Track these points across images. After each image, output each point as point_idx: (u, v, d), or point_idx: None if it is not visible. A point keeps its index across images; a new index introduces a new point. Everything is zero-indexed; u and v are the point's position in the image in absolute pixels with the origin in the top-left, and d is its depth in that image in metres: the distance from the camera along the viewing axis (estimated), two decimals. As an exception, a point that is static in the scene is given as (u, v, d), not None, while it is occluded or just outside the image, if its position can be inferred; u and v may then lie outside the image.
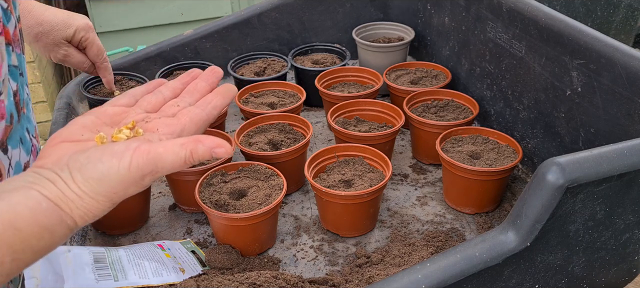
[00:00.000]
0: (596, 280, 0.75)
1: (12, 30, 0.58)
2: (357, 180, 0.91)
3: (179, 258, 0.84)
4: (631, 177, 0.65)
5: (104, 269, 0.76)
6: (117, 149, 0.47)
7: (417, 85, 1.20)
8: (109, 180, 0.46)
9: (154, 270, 0.79)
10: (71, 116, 1.14)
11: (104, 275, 0.75)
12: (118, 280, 0.75)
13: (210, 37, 1.35)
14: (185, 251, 0.87)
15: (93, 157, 0.47)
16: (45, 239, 0.44)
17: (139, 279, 0.76)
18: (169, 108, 0.57)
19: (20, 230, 0.42)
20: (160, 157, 0.47)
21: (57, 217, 0.45)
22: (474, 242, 0.64)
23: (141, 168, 0.47)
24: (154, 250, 0.83)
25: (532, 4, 0.99)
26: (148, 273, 0.78)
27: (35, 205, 0.44)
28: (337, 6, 1.42)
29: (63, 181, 0.46)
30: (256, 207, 0.85)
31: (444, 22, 1.28)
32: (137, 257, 0.80)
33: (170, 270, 0.80)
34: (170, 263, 0.82)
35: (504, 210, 0.97)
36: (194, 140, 0.48)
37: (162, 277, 0.78)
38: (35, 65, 2.49)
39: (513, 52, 1.04)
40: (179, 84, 0.60)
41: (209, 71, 0.61)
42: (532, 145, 1.03)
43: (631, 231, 0.72)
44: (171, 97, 0.59)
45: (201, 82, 0.60)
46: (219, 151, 0.48)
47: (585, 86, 0.88)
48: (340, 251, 0.89)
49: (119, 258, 0.79)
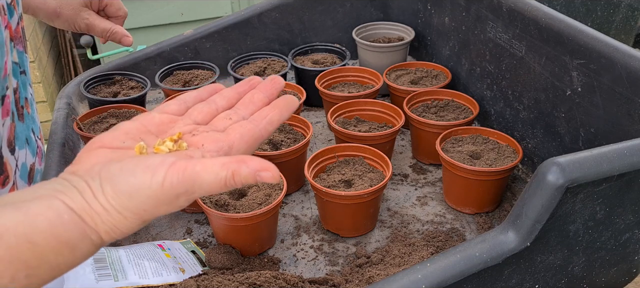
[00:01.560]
0: (596, 280, 0.75)
1: (14, 26, 0.58)
2: (357, 180, 0.91)
3: (179, 258, 0.84)
4: (631, 177, 0.65)
5: (104, 269, 0.76)
6: (152, 163, 0.43)
7: (417, 85, 1.20)
8: (139, 196, 0.42)
9: (154, 270, 0.79)
10: (71, 116, 1.14)
11: (104, 275, 0.75)
12: (118, 280, 0.75)
13: (210, 37, 1.35)
14: (185, 251, 0.87)
15: (126, 168, 0.43)
16: (64, 255, 0.40)
17: (139, 279, 0.76)
18: (220, 121, 0.52)
19: (36, 244, 0.39)
20: (197, 176, 0.42)
21: (79, 231, 0.41)
22: (474, 242, 0.64)
23: (175, 186, 0.42)
24: (154, 250, 0.84)
25: (532, 4, 0.99)
26: (148, 273, 0.78)
27: (55, 217, 0.40)
28: (337, 6, 1.42)
29: (91, 192, 0.42)
30: (256, 207, 0.85)
31: (444, 22, 1.28)
32: (137, 257, 0.80)
33: (170, 270, 0.80)
34: (170, 263, 0.82)
35: (504, 210, 0.97)
36: (238, 160, 0.43)
37: (162, 277, 0.78)
38: (35, 65, 2.49)
39: (513, 52, 1.04)
40: (234, 93, 0.55)
41: (269, 81, 0.55)
42: (532, 145, 1.03)
43: (631, 231, 0.72)
44: (225, 108, 0.54)
45: (258, 93, 0.54)
46: (264, 175, 0.43)
47: (585, 86, 0.88)
48: (341, 251, 0.89)
49: (119, 258, 0.79)
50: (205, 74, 1.27)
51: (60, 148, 1.02)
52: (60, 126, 1.08)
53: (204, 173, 0.42)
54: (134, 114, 1.11)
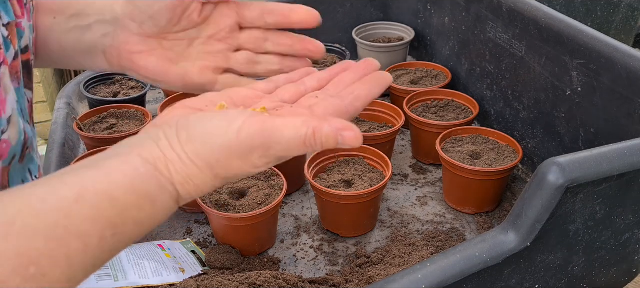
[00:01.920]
0: (596, 280, 0.75)
1: (10, 61, 0.54)
2: (357, 180, 0.91)
3: (179, 258, 0.84)
4: (631, 177, 0.65)
5: (104, 269, 0.76)
6: (231, 113, 0.42)
7: (417, 85, 1.20)
8: (213, 142, 0.41)
9: (154, 269, 0.79)
10: (71, 116, 1.14)
11: (103, 275, 0.75)
12: (118, 280, 0.75)
13: (210, 37, 1.35)
14: (185, 251, 0.87)
15: (204, 116, 0.42)
16: (145, 209, 0.40)
17: (139, 279, 0.76)
18: (305, 100, 0.50)
19: (117, 199, 0.38)
20: (276, 130, 0.41)
21: (155, 182, 0.40)
22: (474, 242, 0.64)
23: (252, 136, 0.41)
24: (154, 250, 0.84)
25: (532, 4, 0.99)
26: (148, 273, 0.78)
27: (131, 170, 0.40)
28: (337, 6, 1.42)
29: (167, 140, 0.42)
30: (256, 207, 0.85)
31: (444, 22, 1.28)
32: (137, 256, 0.80)
33: (170, 270, 0.80)
34: (170, 263, 0.82)
35: (504, 210, 0.97)
36: (320, 118, 0.41)
37: (162, 277, 0.78)
38: (35, 65, 2.48)
39: (513, 52, 1.04)
40: (326, 75, 0.53)
41: (363, 63, 0.51)
42: (532, 145, 1.03)
43: (631, 231, 0.72)
44: (315, 89, 0.52)
45: (350, 74, 0.52)
46: (347, 135, 0.40)
47: (585, 86, 0.88)
48: (341, 251, 0.89)
49: (119, 258, 0.79)
50: (205, 74, 1.27)
51: (60, 149, 1.02)
52: (60, 126, 1.08)
53: (284, 127, 0.41)
54: (134, 114, 1.11)
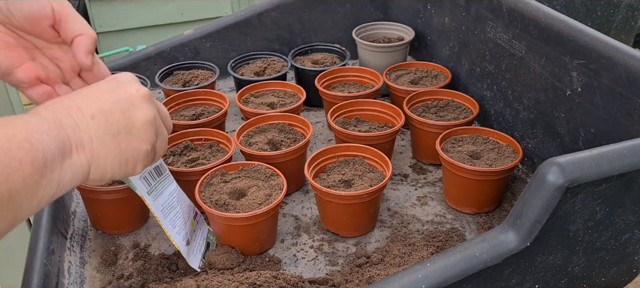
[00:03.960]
0: (596, 280, 0.75)
1: None
2: (357, 180, 0.91)
3: (196, 235, 0.87)
4: (631, 177, 0.65)
5: (152, 177, 0.80)
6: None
7: (417, 85, 1.20)
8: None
9: (174, 216, 0.82)
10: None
11: (149, 178, 0.79)
12: (151, 194, 0.78)
13: (210, 37, 1.35)
14: (203, 237, 0.89)
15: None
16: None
17: (159, 213, 0.79)
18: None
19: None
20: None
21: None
22: (474, 242, 0.64)
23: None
24: (189, 210, 0.86)
25: (532, 4, 0.99)
26: (170, 215, 0.81)
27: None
28: (337, 6, 1.42)
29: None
30: (256, 207, 0.85)
31: (444, 22, 1.28)
32: (177, 199, 0.83)
33: (182, 232, 0.83)
34: (187, 229, 0.84)
35: (504, 210, 0.97)
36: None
37: (172, 229, 0.81)
38: (35, 65, 2.48)
39: (513, 52, 1.04)
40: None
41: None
42: (532, 145, 1.03)
43: (631, 231, 0.72)
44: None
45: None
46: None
47: (585, 86, 0.88)
48: (341, 251, 0.89)
49: (169, 183, 0.83)
50: (205, 74, 1.27)
51: (60, 148, 1.02)
52: (60, 126, 1.08)
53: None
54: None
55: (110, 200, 0.90)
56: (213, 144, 1.03)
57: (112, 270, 0.86)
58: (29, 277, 0.75)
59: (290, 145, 1.00)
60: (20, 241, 1.49)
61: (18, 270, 0.79)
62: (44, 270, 0.77)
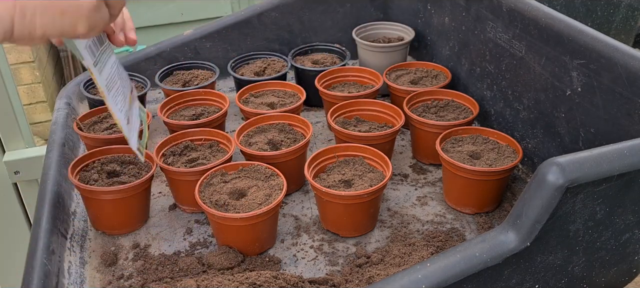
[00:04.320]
0: (596, 280, 0.75)
1: None
2: (357, 180, 0.91)
3: (132, 113, 0.80)
4: (631, 177, 0.65)
5: (96, 44, 0.69)
6: None
7: (417, 85, 1.20)
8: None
9: (115, 92, 0.73)
10: (71, 116, 1.14)
11: (94, 50, 0.68)
12: (96, 66, 0.68)
13: (210, 37, 1.35)
14: (137, 114, 0.82)
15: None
16: None
17: (105, 86, 0.70)
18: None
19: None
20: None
21: None
22: (474, 242, 0.64)
23: None
24: (128, 84, 0.78)
25: (532, 4, 0.99)
26: (113, 89, 0.72)
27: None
28: (337, 6, 1.42)
29: None
30: (256, 207, 0.85)
31: (444, 22, 1.28)
32: (118, 72, 0.75)
33: (124, 109, 0.75)
34: (126, 105, 0.76)
35: (504, 210, 0.97)
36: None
37: (116, 106, 0.72)
38: (35, 65, 2.49)
39: (513, 52, 1.04)
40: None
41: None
42: (532, 145, 1.03)
43: (631, 231, 0.72)
44: None
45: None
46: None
47: (585, 86, 0.88)
48: (340, 251, 0.89)
49: (111, 54, 0.73)
50: (205, 74, 1.27)
51: (60, 149, 1.02)
52: (60, 126, 1.08)
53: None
54: (134, 114, 1.11)
55: (110, 200, 0.90)
56: (213, 144, 1.03)
57: (112, 270, 0.86)
58: (29, 277, 0.75)
59: (290, 145, 1.00)
60: (20, 241, 1.49)
61: (18, 270, 0.79)
62: (44, 270, 0.77)
